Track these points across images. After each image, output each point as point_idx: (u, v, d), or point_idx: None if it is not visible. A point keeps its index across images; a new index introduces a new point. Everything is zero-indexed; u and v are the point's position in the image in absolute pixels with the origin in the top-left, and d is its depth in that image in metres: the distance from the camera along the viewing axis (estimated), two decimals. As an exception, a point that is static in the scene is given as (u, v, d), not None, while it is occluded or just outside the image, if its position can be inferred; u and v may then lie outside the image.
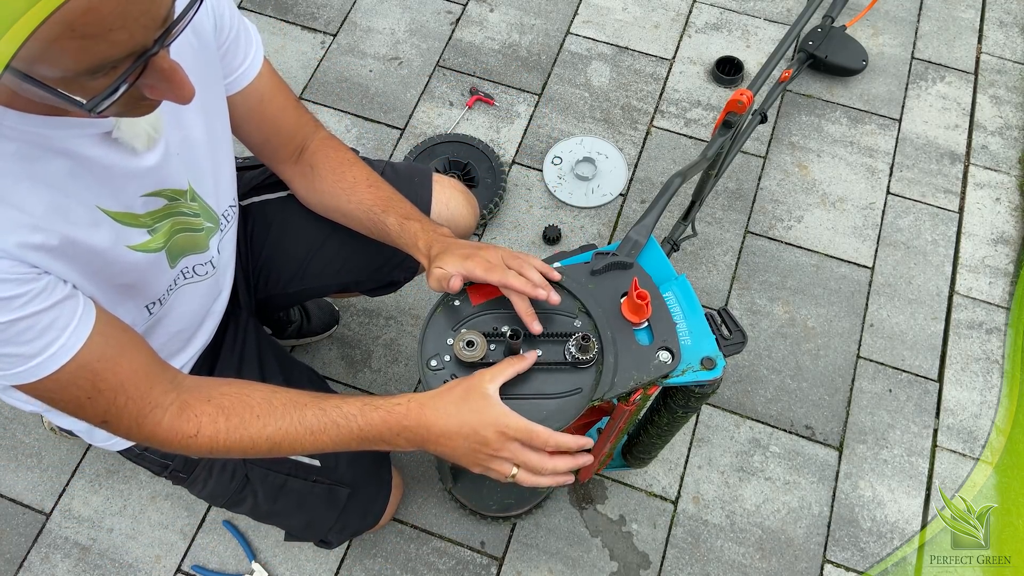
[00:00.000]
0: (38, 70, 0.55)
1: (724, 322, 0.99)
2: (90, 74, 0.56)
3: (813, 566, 1.47)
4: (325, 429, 0.84)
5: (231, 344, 1.15)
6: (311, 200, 1.09)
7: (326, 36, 2.04)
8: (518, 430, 0.83)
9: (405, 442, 0.85)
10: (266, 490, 1.11)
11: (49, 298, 0.69)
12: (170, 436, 0.81)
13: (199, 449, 0.83)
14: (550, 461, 0.85)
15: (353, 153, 1.08)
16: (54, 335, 0.70)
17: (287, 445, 0.84)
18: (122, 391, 0.77)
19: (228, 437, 0.82)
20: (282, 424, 0.83)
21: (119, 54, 0.56)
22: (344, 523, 1.19)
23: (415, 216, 1.01)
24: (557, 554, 1.46)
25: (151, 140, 0.78)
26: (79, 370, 0.73)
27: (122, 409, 0.77)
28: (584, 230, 1.79)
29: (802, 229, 1.80)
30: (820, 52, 1.92)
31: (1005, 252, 1.78)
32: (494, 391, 0.84)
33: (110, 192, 0.76)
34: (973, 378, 1.64)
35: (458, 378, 0.87)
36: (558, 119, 1.93)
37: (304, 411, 0.84)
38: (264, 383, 0.88)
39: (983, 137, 1.92)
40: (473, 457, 0.84)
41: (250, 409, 0.83)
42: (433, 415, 0.83)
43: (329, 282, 1.22)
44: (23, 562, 1.44)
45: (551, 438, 0.84)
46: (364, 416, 0.84)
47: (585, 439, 0.87)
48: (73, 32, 0.52)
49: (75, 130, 0.70)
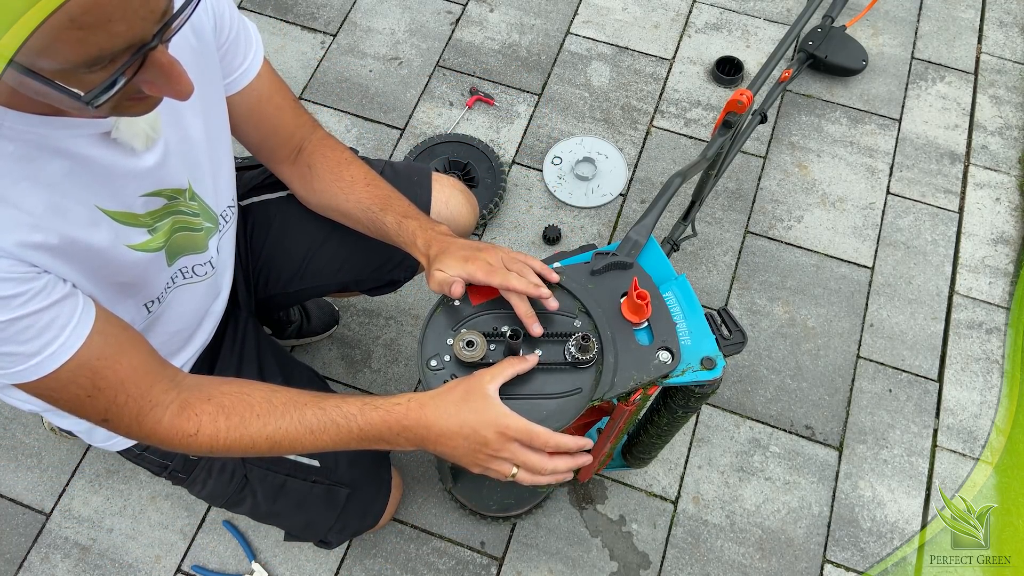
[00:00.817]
0: (38, 63, 0.55)
1: (724, 322, 0.99)
2: (88, 67, 0.56)
3: (813, 566, 1.47)
4: (325, 428, 0.84)
5: (230, 344, 1.15)
6: (310, 200, 1.09)
7: (326, 36, 2.04)
8: (518, 431, 0.83)
9: (405, 441, 0.85)
10: (265, 490, 1.11)
11: (48, 297, 0.69)
12: (170, 434, 0.81)
13: (199, 448, 0.82)
14: (550, 462, 0.85)
15: (351, 152, 1.08)
16: (54, 334, 0.70)
17: (287, 444, 0.84)
18: (122, 389, 0.77)
19: (228, 436, 0.82)
20: (282, 423, 0.83)
21: (118, 46, 0.56)
22: (344, 523, 1.19)
23: (413, 214, 1.01)
24: (557, 554, 1.46)
25: (150, 140, 0.78)
26: (79, 368, 0.73)
27: (122, 407, 0.78)
28: (584, 230, 1.79)
29: (802, 229, 1.80)
30: (820, 52, 1.92)
31: (1005, 252, 1.78)
32: (494, 391, 0.84)
33: (109, 192, 0.76)
34: (973, 378, 1.64)
35: (458, 378, 0.87)
36: (558, 119, 1.93)
37: (304, 410, 0.84)
38: (264, 382, 0.88)
39: (983, 137, 1.92)
40: (473, 457, 0.84)
41: (250, 408, 0.83)
42: (433, 415, 0.83)
43: (329, 281, 1.22)
44: (23, 562, 1.44)
45: (551, 439, 0.84)
46: (364, 416, 0.84)
47: (584, 440, 0.87)
48: (73, 23, 0.52)
49: (74, 130, 0.70)
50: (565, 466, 0.86)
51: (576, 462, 0.87)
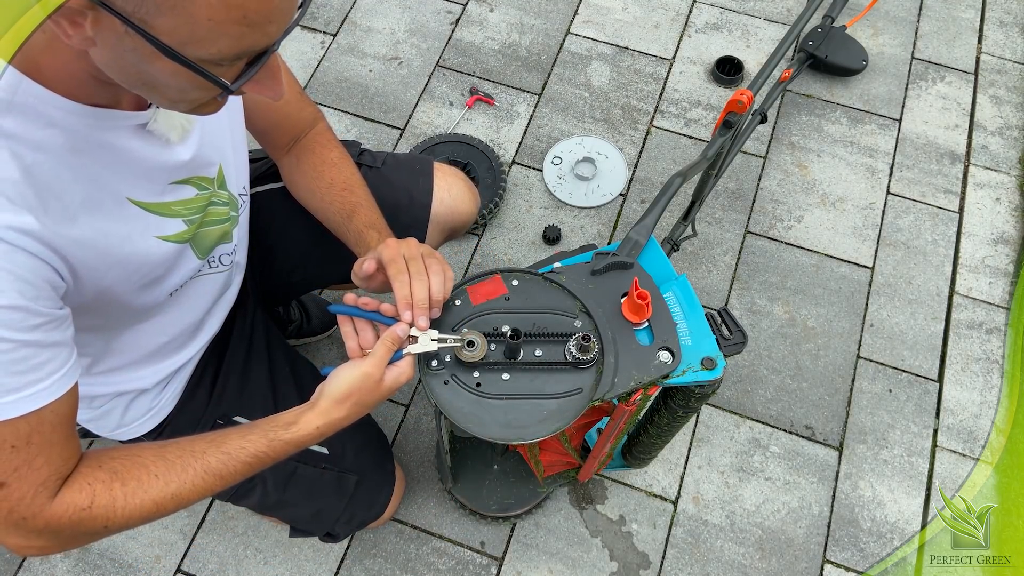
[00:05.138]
0: (188, 49, 0.57)
1: (724, 322, 0.99)
2: (231, 61, 0.60)
3: (813, 566, 1.47)
4: (235, 472, 0.80)
5: (239, 336, 1.15)
6: (292, 190, 1.11)
7: (326, 36, 2.04)
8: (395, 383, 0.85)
9: (316, 440, 0.85)
10: (276, 478, 1.11)
11: (57, 333, 0.68)
12: (58, 511, 0.71)
13: (94, 523, 0.73)
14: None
15: (341, 151, 1.09)
16: (41, 374, 0.67)
17: (197, 496, 0.79)
18: (43, 452, 0.69)
19: (127, 504, 0.74)
20: (186, 477, 0.77)
21: (262, 45, 0.61)
22: (351, 513, 1.19)
23: (378, 226, 1.01)
24: (557, 554, 1.46)
25: (184, 131, 0.80)
26: (37, 421, 0.68)
27: (36, 471, 0.69)
28: (584, 230, 1.79)
29: (802, 229, 1.80)
30: (820, 52, 1.92)
31: (1005, 252, 1.78)
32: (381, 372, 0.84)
33: (143, 183, 0.77)
34: (973, 378, 1.64)
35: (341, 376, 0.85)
36: (558, 119, 1.93)
37: (206, 459, 0.78)
38: (149, 442, 0.82)
39: (983, 137, 1.92)
40: (371, 399, 0.84)
41: (145, 468, 0.76)
42: (326, 403, 0.83)
43: (333, 270, 1.22)
44: (23, 562, 1.44)
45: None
46: (275, 451, 0.81)
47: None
48: (245, 19, 0.56)
49: (116, 122, 0.71)
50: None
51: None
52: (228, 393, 1.10)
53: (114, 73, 0.63)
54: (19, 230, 0.63)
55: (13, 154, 0.63)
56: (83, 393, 0.94)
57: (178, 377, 1.06)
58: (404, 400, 1.61)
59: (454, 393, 0.90)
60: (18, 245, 0.63)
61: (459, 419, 0.88)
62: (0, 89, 0.62)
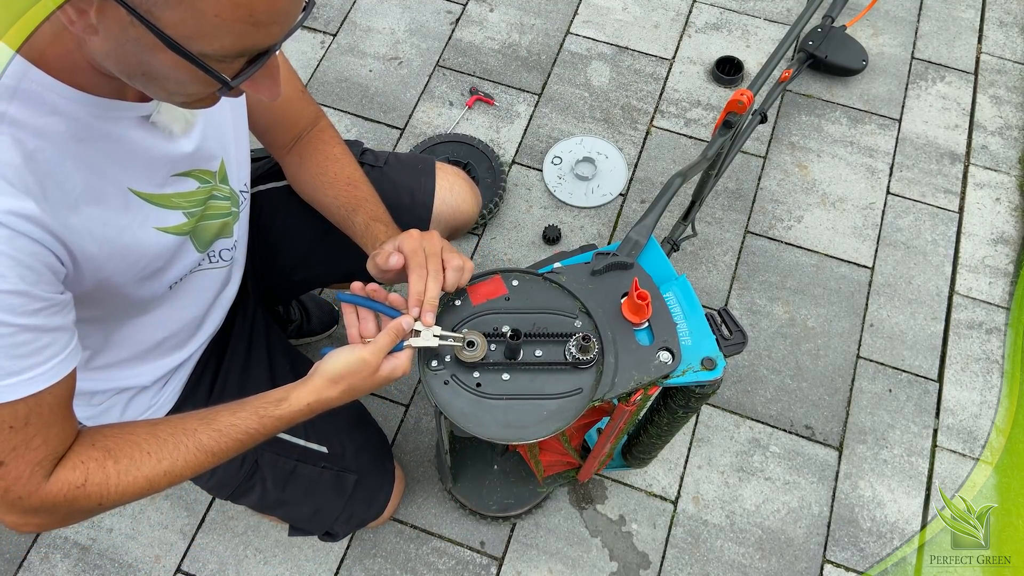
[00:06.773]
0: (193, 44, 0.58)
1: (724, 322, 0.99)
2: (233, 58, 0.61)
3: (813, 566, 1.47)
4: (227, 449, 0.81)
5: (240, 333, 1.15)
6: (296, 187, 1.12)
7: (326, 36, 2.04)
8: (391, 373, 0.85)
9: (306, 417, 0.86)
10: (276, 476, 1.11)
11: (58, 317, 0.69)
12: (53, 490, 0.72)
13: (88, 501, 0.74)
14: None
15: (343, 147, 1.09)
16: (42, 358, 0.68)
17: (189, 472, 0.80)
18: (42, 433, 0.71)
19: (121, 481, 0.75)
20: (178, 455, 0.78)
21: (265, 44, 0.61)
22: (351, 512, 1.19)
23: (384, 219, 1.02)
24: (557, 554, 1.46)
25: (188, 124, 0.80)
26: (36, 404, 0.69)
27: (34, 451, 0.70)
28: (584, 230, 1.79)
29: (802, 229, 1.80)
30: (820, 52, 1.92)
31: (1005, 252, 1.78)
32: (377, 361, 0.84)
33: (144, 174, 0.77)
34: (973, 378, 1.64)
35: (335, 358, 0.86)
36: (558, 119, 1.93)
37: (198, 436, 0.79)
38: (142, 420, 0.83)
39: (983, 137, 1.92)
40: (364, 385, 0.85)
41: (137, 446, 0.77)
42: (319, 380, 0.84)
43: (334, 269, 1.23)
44: (23, 562, 1.44)
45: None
46: (265, 427, 0.82)
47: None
48: (251, 18, 0.57)
49: (121, 112, 0.71)
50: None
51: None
52: (228, 392, 1.10)
53: (112, 63, 0.63)
54: (20, 215, 0.63)
55: (15, 140, 0.63)
56: (83, 389, 0.95)
57: (178, 375, 1.06)
58: (404, 400, 1.61)
59: (454, 393, 0.90)
60: (19, 230, 0.63)
61: (459, 419, 0.88)
62: (6, 76, 0.62)
